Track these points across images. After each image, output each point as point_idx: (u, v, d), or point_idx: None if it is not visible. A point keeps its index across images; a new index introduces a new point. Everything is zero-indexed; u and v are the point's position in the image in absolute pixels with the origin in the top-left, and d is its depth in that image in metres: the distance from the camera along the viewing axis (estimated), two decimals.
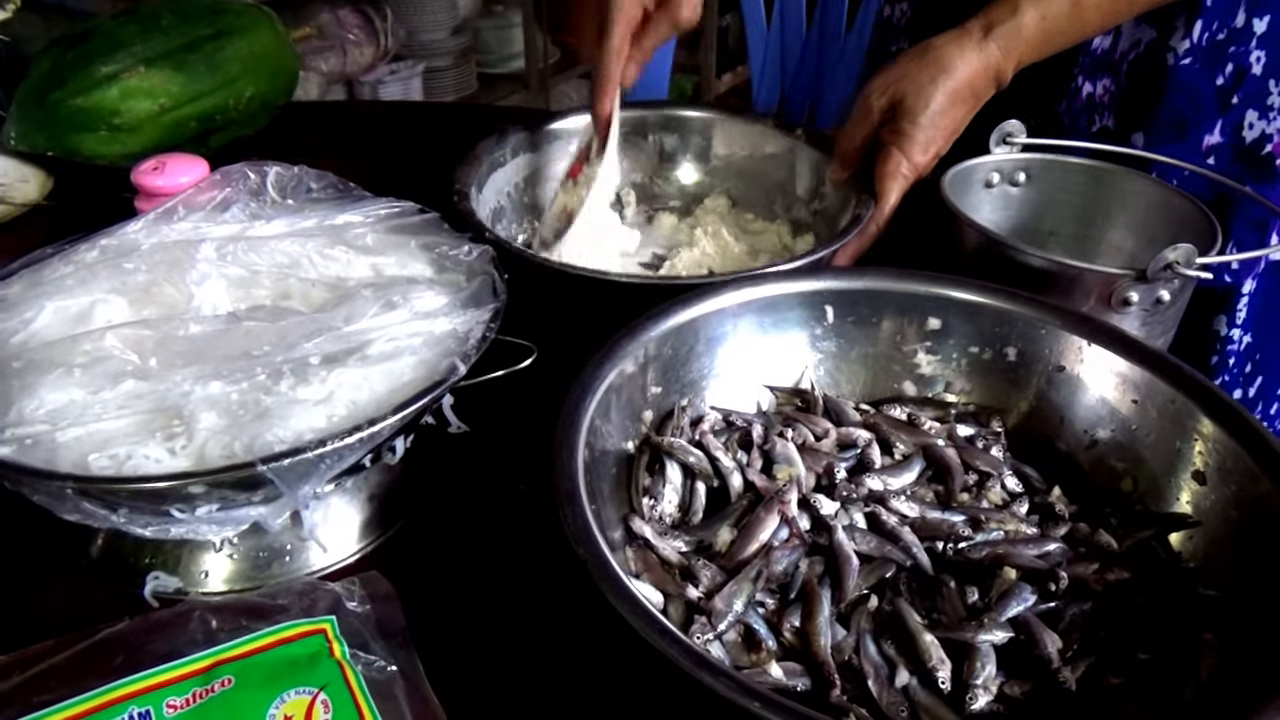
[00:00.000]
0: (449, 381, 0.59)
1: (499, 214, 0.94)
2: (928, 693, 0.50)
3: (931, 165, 0.82)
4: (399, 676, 0.51)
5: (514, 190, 0.97)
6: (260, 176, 0.75)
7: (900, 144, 0.81)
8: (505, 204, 0.95)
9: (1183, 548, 0.58)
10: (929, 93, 0.80)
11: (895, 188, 0.82)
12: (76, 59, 0.97)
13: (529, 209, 0.98)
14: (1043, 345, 0.65)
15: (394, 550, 0.63)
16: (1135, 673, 0.51)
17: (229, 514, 0.55)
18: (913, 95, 0.80)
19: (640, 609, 0.45)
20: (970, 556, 0.57)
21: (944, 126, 0.81)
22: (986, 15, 0.80)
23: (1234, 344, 0.94)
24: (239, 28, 1.07)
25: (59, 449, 0.53)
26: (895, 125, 0.82)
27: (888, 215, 0.82)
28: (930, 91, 0.80)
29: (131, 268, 0.66)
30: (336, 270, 0.69)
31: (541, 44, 2.93)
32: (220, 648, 0.51)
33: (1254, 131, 0.87)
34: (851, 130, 0.86)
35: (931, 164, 0.82)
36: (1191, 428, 0.58)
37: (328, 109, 1.79)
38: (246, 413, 0.56)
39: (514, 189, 0.97)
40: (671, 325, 0.63)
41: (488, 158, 0.93)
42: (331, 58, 2.47)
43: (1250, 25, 0.84)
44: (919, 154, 0.81)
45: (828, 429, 0.66)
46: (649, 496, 0.60)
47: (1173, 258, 0.67)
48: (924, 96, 0.80)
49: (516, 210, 0.97)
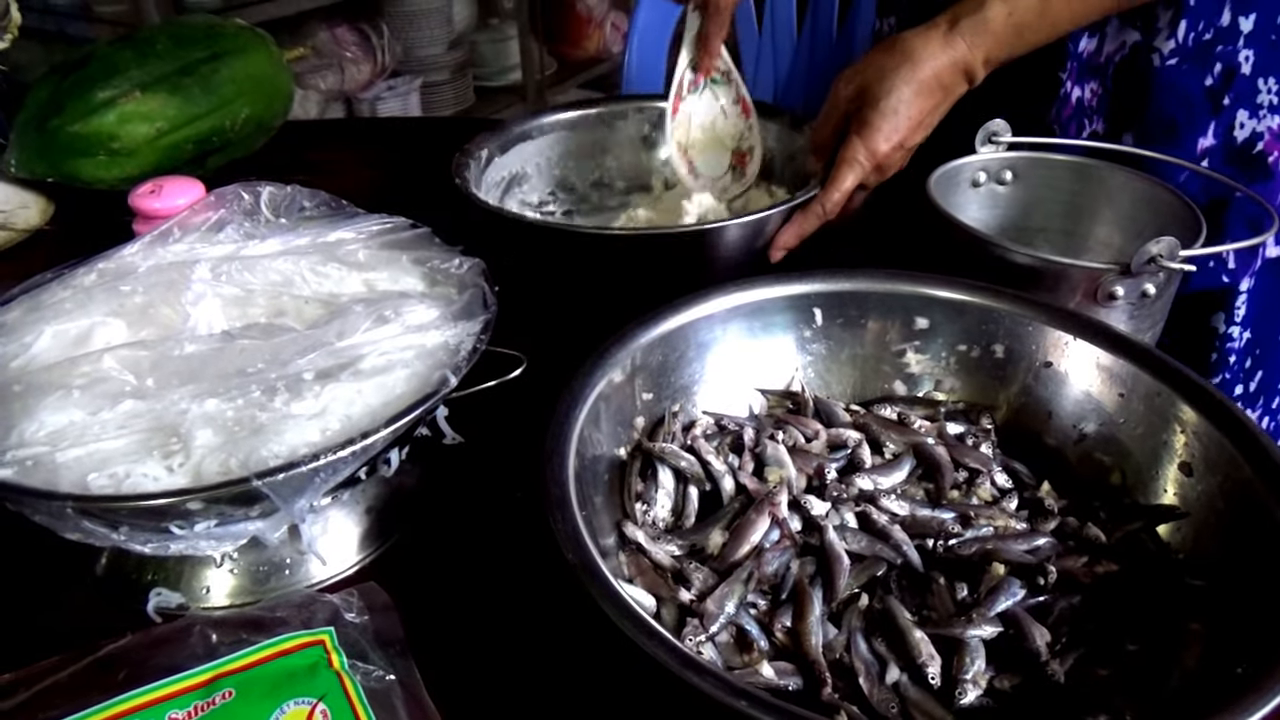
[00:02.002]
0: (441, 393, 0.59)
1: (520, 179, 1.00)
2: (918, 689, 0.51)
3: (894, 156, 0.82)
4: (397, 686, 0.52)
5: (544, 162, 1.02)
6: (254, 197, 0.76)
7: (861, 131, 0.81)
8: (530, 170, 1.01)
9: (1171, 538, 0.58)
10: (892, 81, 0.80)
11: (848, 173, 0.82)
12: (74, 85, 0.99)
13: (558, 181, 1.03)
14: (1029, 341, 0.66)
15: (392, 561, 0.64)
16: (1123, 664, 0.52)
17: (227, 529, 0.56)
18: (876, 84, 0.81)
19: (628, 611, 0.45)
20: (960, 553, 0.58)
21: (908, 116, 0.80)
22: (953, 10, 0.80)
23: (1234, 341, 0.94)
24: (234, 50, 1.08)
25: (59, 470, 0.54)
26: (860, 114, 0.82)
27: (836, 200, 0.82)
28: (893, 80, 0.80)
29: (128, 290, 0.67)
30: (329, 287, 0.70)
31: (538, 56, 2.95)
32: (221, 661, 0.52)
33: (1245, 131, 0.87)
34: (822, 120, 0.87)
35: (894, 154, 0.82)
36: (1176, 419, 0.59)
37: (326, 126, 1.81)
38: (242, 429, 0.57)
39: (544, 160, 1.02)
40: (660, 332, 0.64)
41: (519, 127, 0.99)
42: (329, 75, 2.50)
43: (1236, 23, 0.84)
44: (881, 141, 0.81)
45: (818, 430, 0.66)
46: (642, 501, 0.61)
47: (1155, 251, 0.67)
48: (887, 84, 0.80)
49: (542, 178, 1.02)
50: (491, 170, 0.96)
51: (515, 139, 0.99)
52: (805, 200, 0.83)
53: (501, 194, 0.98)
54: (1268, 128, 0.87)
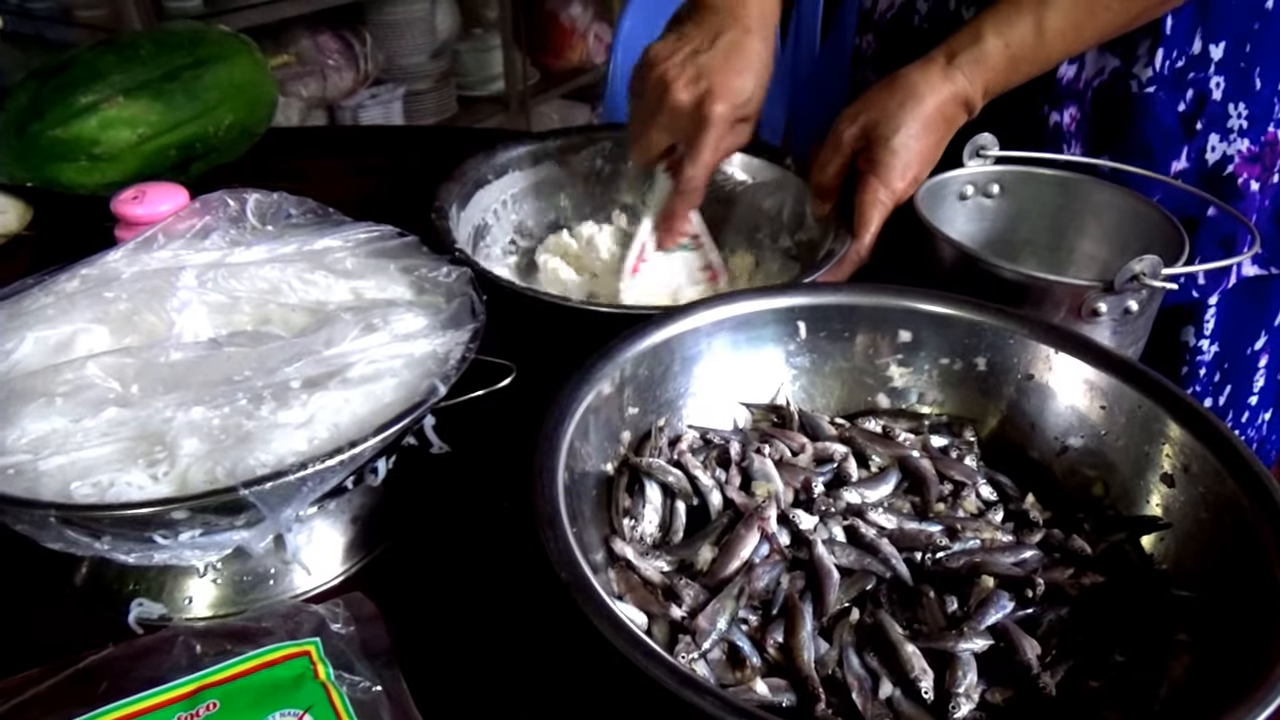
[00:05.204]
0: (429, 402, 0.59)
1: (483, 231, 0.95)
2: (911, 703, 0.51)
3: (911, 192, 0.82)
4: (384, 697, 0.52)
5: (500, 207, 0.98)
6: (240, 203, 0.76)
7: (878, 172, 0.81)
8: (490, 221, 0.97)
9: (1155, 550, 0.59)
10: (899, 118, 0.80)
11: (876, 215, 0.81)
12: (55, 90, 0.98)
13: (515, 227, 0.99)
14: (1011, 355, 0.66)
15: (378, 571, 0.64)
16: (1112, 675, 0.52)
17: (212, 539, 0.55)
18: (884, 123, 0.80)
19: (625, 631, 0.45)
20: (948, 566, 0.58)
21: (919, 151, 0.80)
22: (949, 44, 0.81)
23: (1203, 354, 0.95)
24: (218, 56, 1.07)
25: (41, 478, 0.53)
26: (870, 154, 0.81)
27: (869, 244, 0.81)
28: (900, 117, 0.80)
29: (112, 296, 0.66)
30: (316, 295, 0.70)
31: (521, 66, 2.95)
32: (205, 672, 0.51)
33: (1216, 154, 0.89)
34: (824, 163, 0.85)
35: (910, 190, 0.82)
36: (1158, 431, 0.59)
37: (310, 134, 1.80)
38: (228, 438, 0.56)
39: (500, 206, 0.98)
40: (647, 346, 0.64)
41: (473, 174, 0.94)
42: (312, 83, 2.49)
43: (1208, 51, 0.86)
44: (897, 180, 0.81)
45: (804, 444, 0.66)
46: (629, 517, 0.60)
47: (1139, 269, 0.68)
48: (895, 123, 0.80)
49: (502, 227, 0.98)
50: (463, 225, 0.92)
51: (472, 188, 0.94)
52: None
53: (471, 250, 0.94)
54: (1238, 151, 0.88)
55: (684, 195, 0.86)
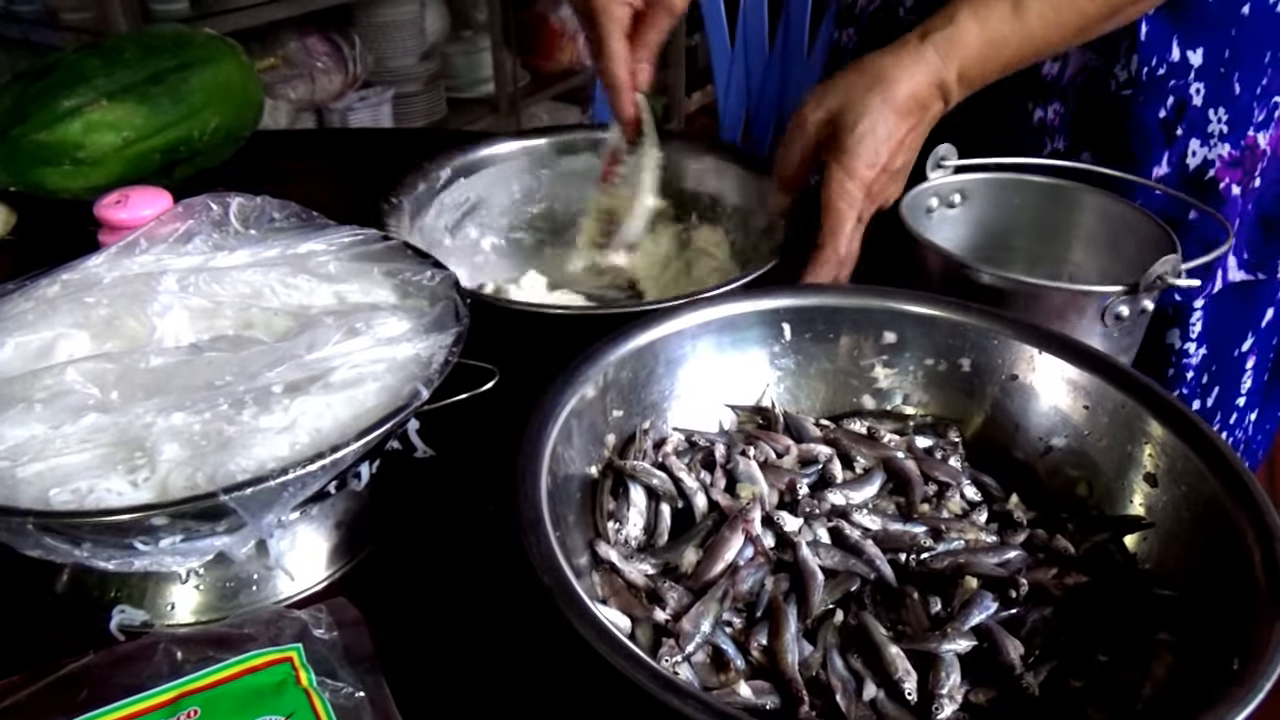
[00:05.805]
0: (412, 406, 0.59)
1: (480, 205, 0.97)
2: (895, 704, 0.51)
3: (882, 181, 0.77)
4: (367, 703, 0.52)
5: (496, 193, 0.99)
6: (223, 207, 0.75)
7: (842, 160, 0.75)
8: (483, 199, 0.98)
9: (1138, 549, 0.59)
10: (866, 102, 0.75)
11: (845, 206, 0.75)
12: (39, 93, 0.97)
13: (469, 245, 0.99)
14: (995, 355, 0.67)
15: (362, 576, 0.63)
16: (1096, 675, 0.52)
17: (193, 545, 0.55)
18: (849, 108, 0.75)
19: (607, 635, 0.45)
20: (932, 567, 0.58)
21: (888, 138, 0.75)
22: (923, 26, 0.77)
23: (1189, 357, 0.95)
24: (203, 59, 1.07)
25: (19, 485, 0.53)
26: (834, 142, 0.76)
27: (847, 236, 0.76)
28: (868, 101, 0.75)
29: (93, 301, 0.66)
30: (299, 299, 0.69)
31: (511, 67, 2.95)
32: (186, 679, 0.51)
33: (1196, 159, 0.88)
34: (787, 151, 0.80)
35: (881, 179, 0.76)
36: (1141, 431, 0.59)
37: (296, 137, 1.80)
38: (209, 443, 0.56)
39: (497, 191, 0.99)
40: (631, 348, 0.64)
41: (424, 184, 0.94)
42: (300, 85, 2.48)
43: (1186, 58, 0.85)
44: (863, 168, 0.75)
45: (789, 446, 0.66)
46: (614, 520, 0.60)
47: (1162, 270, 0.68)
48: (861, 107, 0.75)
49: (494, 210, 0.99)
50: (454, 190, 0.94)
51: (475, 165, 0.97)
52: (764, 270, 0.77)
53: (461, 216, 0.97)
54: (1218, 155, 0.88)
55: (609, 85, 0.87)
